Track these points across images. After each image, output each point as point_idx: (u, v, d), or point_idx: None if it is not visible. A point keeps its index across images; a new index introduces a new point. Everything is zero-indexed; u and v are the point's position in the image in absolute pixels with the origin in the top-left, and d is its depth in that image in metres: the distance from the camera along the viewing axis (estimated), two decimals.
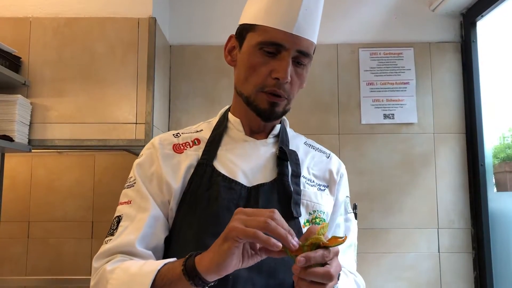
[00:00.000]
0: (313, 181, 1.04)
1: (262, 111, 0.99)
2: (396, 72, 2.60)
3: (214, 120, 1.10)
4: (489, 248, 2.42)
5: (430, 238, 2.49)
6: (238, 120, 1.06)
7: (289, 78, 0.95)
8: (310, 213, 0.99)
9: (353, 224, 1.10)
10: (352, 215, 1.10)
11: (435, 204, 2.52)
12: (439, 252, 2.48)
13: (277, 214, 0.72)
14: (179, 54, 2.64)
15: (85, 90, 2.19)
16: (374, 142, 2.56)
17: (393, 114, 2.57)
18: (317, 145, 1.14)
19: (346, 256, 1.04)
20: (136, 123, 2.17)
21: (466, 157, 2.55)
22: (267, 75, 0.96)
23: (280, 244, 0.69)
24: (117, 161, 2.91)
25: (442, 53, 2.61)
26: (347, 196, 1.10)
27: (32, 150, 2.20)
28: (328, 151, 1.14)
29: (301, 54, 0.96)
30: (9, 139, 2.00)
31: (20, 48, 2.19)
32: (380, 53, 2.61)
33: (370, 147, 2.56)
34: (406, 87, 2.59)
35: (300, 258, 0.69)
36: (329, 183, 1.06)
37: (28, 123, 2.15)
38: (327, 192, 1.04)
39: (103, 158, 2.98)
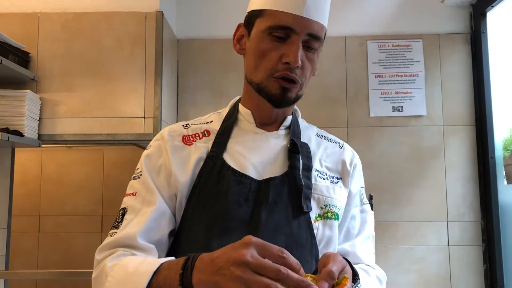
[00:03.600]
0: (326, 174, 1.01)
1: (274, 97, 0.97)
2: (405, 64, 2.58)
3: (224, 111, 1.08)
4: (499, 240, 2.40)
5: (439, 230, 2.48)
6: (249, 111, 1.04)
7: (299, 62, 0.93)
8: (321, 207, 0.96)
9: (370, 215, 1.07)
10: (368, 206, 1.07)
11: (445, 197, 2.50)
12: (448, 245, 2.47)
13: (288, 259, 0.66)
14: (187, 48, 2.64)
15: (93, 84, 2.20)
16: (383, 134, 2.55)
17: (401, 107, 2.55)
18: (330, 136, 1.11)
19: (364, 248, 1.02)
20: (144, 117, 2.18)
21: (475, 150, 2.53)
22: (278, 60, 0.94)
23: None
24: (125, 156, 2.93)
25: (452, 45, 2.59)
26: (362, 187, 1.07)
27: (42, 145, 2.22)
28: (341, 141, 1.11)
29: (311, 38, 0.94)
30: (19, 134, 2.01)
31: (29, 43, 2.20)
32: (388, 45, 2.59)
33: (379, 140, 2.54)
34: (415, 79, 2.57)
35: None
36: (343, 175, 1.03)
37: (38, 118, 2.16)
38: (340, 185, 1.01)
39: (112, 152, 3.00)
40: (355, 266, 0.84)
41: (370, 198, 0.98)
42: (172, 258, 0.81)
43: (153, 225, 0.92)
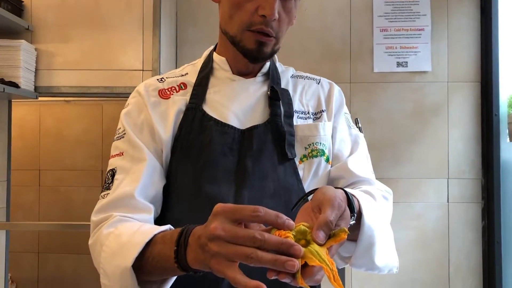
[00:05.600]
0: (307, 112, 1.00)
1: (249, 52, 0.93)
2: (411, 18, 2.50)
3: (199, 62, 1.04)
4: (498, 198, 2.41)
5: (439, 188, 2.48)
6: (223, 59, 1.00)
7: (276, 15, 0.89)
8: (305, 148, 0.96)
9: (361, 137, 1.04)
10: (356, 130, 1.05)
11: (446, 154, 2.49)
12: (448, 202, 2.48)
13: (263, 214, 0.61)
14: None
15: (90, 35, 2.14)
16: (386, 91, 2.50)
17: (406, 62, 2.49)
18: (305, 74, 1.08)
19: (359, 164, 0.99)
20: (142, 70, 2.13)
21: (480, 107, 2.49)
22: (253, 12, 0.90)
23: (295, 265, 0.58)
24: None
25: None
26: (345, 113, 1.05)
27: (39, 98, 2.18)
28: (317, 77, 1.07)
29: None
30: (15, 85, 1.97)
31: None
32: None
33: (382, 96, 2.50)
34: (421, 34, 2.50)
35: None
36: (325, 106, 1.02)
37: (34, 70, 2.12)
38: (324, 118, 1.00)
39: (110, 107, 2.97)
40: (353, 192, 0.81)
41: (357, 122, 0.95)
42: (167, 227, 0.79)
43: (148, 181, 0.90)
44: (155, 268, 0.74)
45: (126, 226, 0.83)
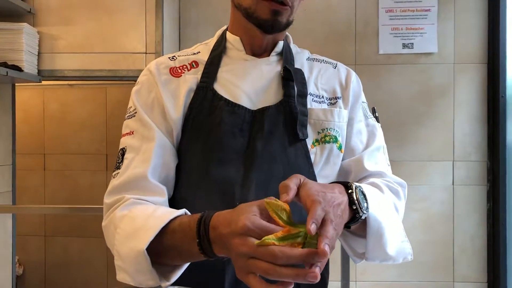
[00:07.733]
0: (322, 97, 0.98)
1: (264, 22, 0.91)
2: None
3: (212, 41, 1.03)
4: (504, 180, 2.40)
5: (445, 170, 2.47)
6: (237, 38, 0.98)
7: None
8: (318, 132, 0.94)
9: (377, 127, 1.03)
10: (373, 120, 1.03)
11: (452, 137, 2.47)
12: (453, 184, 2.47)
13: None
14: None
15: (92, 18, 2.12)
16: (392, 72, 2.47)
17: (412, 43, 2.46)
18: (322, 57, 1.06)
19: (374, 159, 0.98)
20: (145, 53, 2.12)
21: (486, 88, 2.46)
22: None
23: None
24: (128, 94, 2.82)
25: None
26: (363, 102, 1.03)
27: (43, 82, 2.18)
28: (334, 61, 1.05)
29: None
30: (18, 69, 1.97)
31: None
32: None
33: (387, 78, 2.48)
34: (427, 14, 2.46)
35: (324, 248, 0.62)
36: (341, 94, 0.99)
37: (36, 53, 2.11)
38: (340, 105, 0.98)
39: (114, 91, 2.96)
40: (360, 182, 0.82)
41: (374, 111, 0.94)
42: (182, 212, 0.80)
43: (158, 161, 0.90)
44: (177, 255, 0.78)
45: (140, 209, 0.84)
